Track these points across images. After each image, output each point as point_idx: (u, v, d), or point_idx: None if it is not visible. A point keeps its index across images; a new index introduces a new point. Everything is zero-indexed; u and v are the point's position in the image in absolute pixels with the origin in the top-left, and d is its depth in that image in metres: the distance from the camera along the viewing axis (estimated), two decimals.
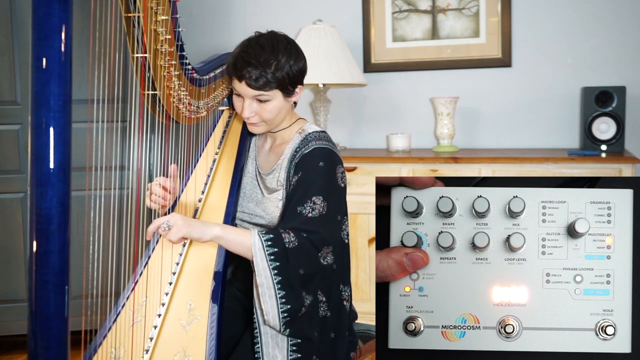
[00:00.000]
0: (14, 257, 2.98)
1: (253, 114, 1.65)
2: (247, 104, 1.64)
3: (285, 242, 1.49)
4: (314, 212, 1.55)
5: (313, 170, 1.60)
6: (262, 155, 1.80)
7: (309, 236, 1.52)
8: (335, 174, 1.62)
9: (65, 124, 1.09)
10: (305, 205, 1.55)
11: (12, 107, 2.94)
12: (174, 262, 1.60)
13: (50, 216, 1.08)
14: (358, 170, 2.95)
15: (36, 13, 1.06)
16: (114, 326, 1.52)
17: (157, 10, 1.44)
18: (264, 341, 1.54)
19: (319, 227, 1.54)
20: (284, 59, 1.60)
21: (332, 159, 1.63)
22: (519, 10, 3.17)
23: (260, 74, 1.58)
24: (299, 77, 1.66)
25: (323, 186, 1.58)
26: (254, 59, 1.58)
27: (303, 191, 1.57)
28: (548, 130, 3.18)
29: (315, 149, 1.63)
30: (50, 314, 1.10)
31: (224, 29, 3.52)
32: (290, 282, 1.49)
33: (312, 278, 1.55)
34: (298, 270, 1.50)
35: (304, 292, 1.53)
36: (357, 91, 3.40)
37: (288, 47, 1.63)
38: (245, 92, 1.62)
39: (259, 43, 1.61)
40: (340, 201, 1.65)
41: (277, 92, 1.62)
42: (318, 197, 1.56)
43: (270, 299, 1.48)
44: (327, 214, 1.56)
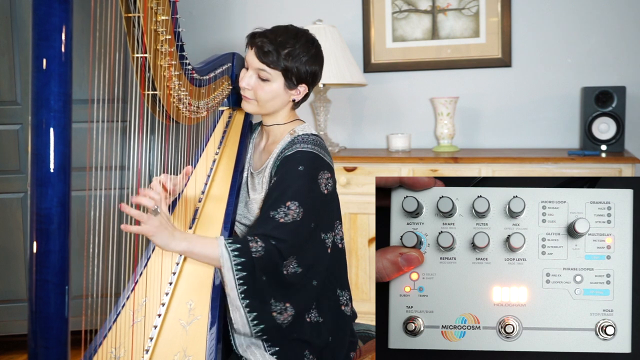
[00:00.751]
0: (14, 257, 2.98)
1: (250, 87, 1.66)
2: (249, 75, 1.66)
3: (252, 252, 1.46)
4: (287, 217, 1.51)
5: (291, 173, 1.57)
6: (256, 154, 1.80)
7: (277, 244, 1.49)
8: (316, 179, 1.58)
9: (66, 124, 1.09)
10: (279, 210, 1.52)
11: (12, 107, 2.94)
12: (174, 262, 1.60)
13: (50, 216, 1.08)
14: (358, 170, 2.95)
15: (36, 13, 1.06)
16: (114, 326, 1.52)
17: (157, 11, 1.44)
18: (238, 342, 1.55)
19: (289, 234, 1.50)
20: (299, 51, 1.62)
21: (314, 164, 1.59)
22: (519, 10, 3.17)
23: (271, 48, 1.60)
24: (307, 77, 1.66)
25: (299, 191, 1.54)
26: (273, 35, 1.61)
27: (278, 195, 1.54)
28: (548, 130, 3.18)
29: (298, 152, 1.60)
30: (50, 314, 1.10)
31: (224, 29, 3.52)
32: (256, 290, 1.47)
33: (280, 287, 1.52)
34: (262, 278, 1.48)
35: (272, 299, 1.50)
36: (357, 91, 3.40)
37: (310, 45, 1.65)
38: (251, 62, 1.64)
39: (286, 27, 1.65)
40: (322, 208, 1.59)
41: (279, 76, 1.62)
42: (293, 202, 1.52)
43: (237, 309, 1.48)
44: (301, 221, 1.52)
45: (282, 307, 1.51)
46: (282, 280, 1.51)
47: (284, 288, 1.53)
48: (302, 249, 1.54)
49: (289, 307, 1.52)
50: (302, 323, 1.58)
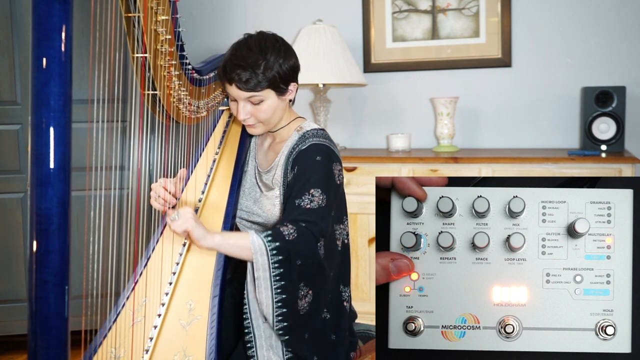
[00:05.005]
0: (14, 257, 2.98)
1: (249, 116, 1.65)
2: (242, 106, 1.65)
3: (285, 235, 1.49)
4: (312, 203, 1.55)
5: (310, 164, 1.60)
6: (261, 153, 1.80)
7: (308, 226, 1.51)
8: (332, 169, 1.62)
9: (66, 124, 1.09)
10: (304, 197, 1.55)
11: (12, 107, 2.94)
12: (174, 262, 1.60)
13: (50, 216, 1.08)
14: (358, 170, 2.95)
15: (36, 13, 1.06)
16: (114, 326, 1.52)
17: (157, 10, 1.44)
18: (259, 344, 1.54)
19: (318, 218, 1.53)
20: (272, 58, 1.60)
21: (329, 155, 1.63)
22: (519, 10, 3.17)
23: (249, 75, 1.58)
24: (291, 75, 1.65)
25: (321, 179, 1.58)
26: (242, 61, 1.59)
27: (301, 185, 1.57)
28: (548, 130, 3.18)
29: (312, 144, 1.63)
30: (50, 314, 1.10)
31: (224, 29, 3.52)
32: (289, 274, 1.49)
33: (310, 271, 1.54)
34: (296, 262, 1.49)
35: (302, 283, 1.52)
36: (357, 91, 3.40)
37: (276, 45, 1.63)
38: (237, 95, 1.63)
39: (247, 45, 1.62)
40: (338, 197, 1.64)
41: (269, 92, 1.62)
42: (316, 189, 1.56)
43: (266, 290, 1.48)
44: (326, 207, 1.56)
45: (306, 292, 1.53)
46: (319, 262, 1.54)
47: (313, 275, 1.55)
48: (328, 233, 1.57)
49: (310, 294, 1.54)
50: (317, 318, 1.59)
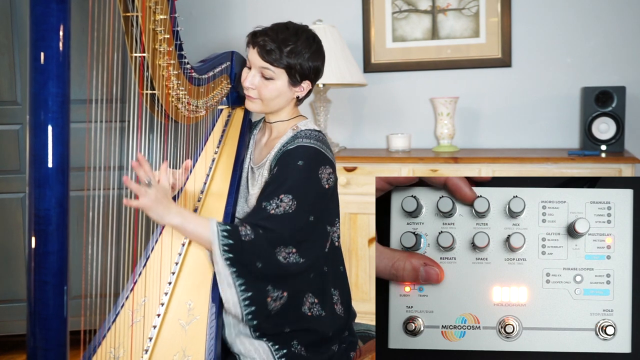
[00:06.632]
0: (14, 257, 2.98)
1: (254, 87, 1.66)
2: (252, 74, 1.65)
3: (242, 235, 1.47)
4: (278, 209, 1.52)
5: (289, 167, 1.58)
6: (257, 149, 1.80)
7: (265, 233, 1.49)
8: (316, 174, 1.59)
9: (64, 124, 1.09)
10: (272, 201, 1.53)
11: (12, 107, 2.94)
12: (173, 262, 1.59)
13: (48, 217, 1.08)
14: (358, 170, 2.95)
15: (34, 13, 1.05)
16: (113, 326, 1.52)
17: (156, 10, 1.44)
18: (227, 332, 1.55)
19: (278, 225, 1.51)
20: (301, 48, 1.62)
21: (315, 159, 1.60)
22: (519, 10, 3.17)
23: (274, 47, 1.60)
24: (310, 73, 1.66)
25: (295, 185, 1.55)
26: (274, 34, 1.61)
27: (274, 187, 1.56)
28: (548, 130, 3.17)
29: (299, 146, 1.61)
30: (49, 315, 1.10)
31: (223, 29, 3.52)
32: (246, 272, 1.47)
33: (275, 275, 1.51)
34: (255, 263, 1.48)
35: (269, 285, 1.50)
36: (357, 91, 3.39)
37: (311, 41, 1.65)
38: (254, 61, 1.64)
39: (286, 25, 1.66)
40: (323, 202, 1.60)
41: (282, 74, 1.62)
42: (287, 195, 1.53)
43: (229, 287, 1.47)
44: (294, 214, 1.53)
45: (280, 295, 1.52)
46: (279, 268, 1.51)
47: (283, 277, 1.53)
48: (300, 240, 1.54)
49: (285, 296, 1.53)
50: (298, 314, 1.57)
